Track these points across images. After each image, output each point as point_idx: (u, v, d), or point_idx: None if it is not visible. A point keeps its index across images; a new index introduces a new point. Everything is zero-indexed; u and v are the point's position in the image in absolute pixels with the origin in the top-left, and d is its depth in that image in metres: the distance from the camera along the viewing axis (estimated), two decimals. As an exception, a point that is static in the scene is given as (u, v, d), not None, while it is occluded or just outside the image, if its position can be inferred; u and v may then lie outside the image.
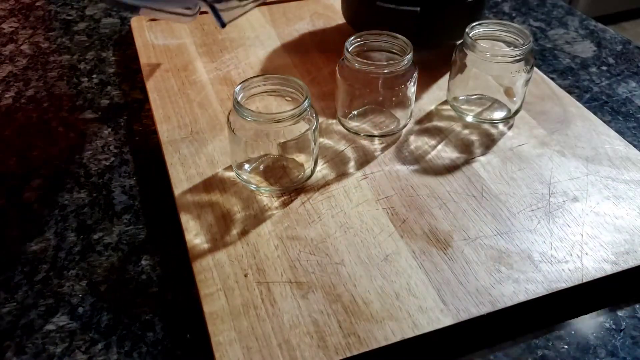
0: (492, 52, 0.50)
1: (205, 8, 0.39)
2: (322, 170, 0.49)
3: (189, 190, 0.47)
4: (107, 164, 0.52)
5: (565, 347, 0.38)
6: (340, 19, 0.64)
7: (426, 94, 0.58)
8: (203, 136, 0.52)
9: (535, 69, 0.61)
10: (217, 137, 0.52)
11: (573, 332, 0.39)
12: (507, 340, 0.39)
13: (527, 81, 0.52)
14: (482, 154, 0.51)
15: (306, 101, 0.43)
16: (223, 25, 0.39)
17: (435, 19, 0.57)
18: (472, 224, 0.44)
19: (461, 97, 0.55)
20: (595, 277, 0.40)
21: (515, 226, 0.44)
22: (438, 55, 0.62)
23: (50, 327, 0.39)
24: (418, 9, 0.55)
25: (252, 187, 0.47)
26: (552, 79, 0.61)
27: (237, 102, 0.43)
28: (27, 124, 0.57)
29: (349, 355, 0.36)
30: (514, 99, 0.53)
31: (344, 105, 0.52)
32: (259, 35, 0.66)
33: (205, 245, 0.42)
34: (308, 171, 0.47)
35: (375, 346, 0.36)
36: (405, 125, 0.53)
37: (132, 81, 0.63)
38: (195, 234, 0.43)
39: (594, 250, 0.42)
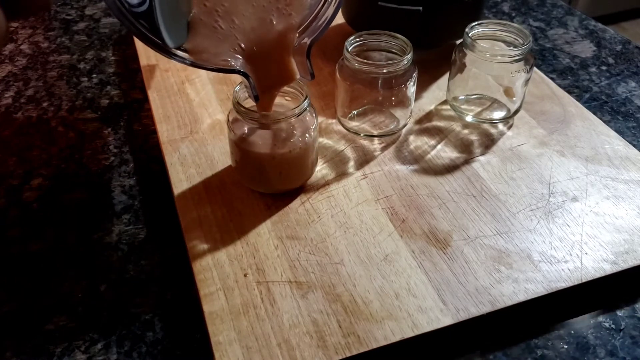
0: (492, 52, 0.50)
1: (242, 79, 0.40)
2: (322, 170, 0.49)
3: (188, 190, 0.47)
4: (107, 163, 0.52)
5: (565, 347, 0.38)
6: (340, 19, 0.64)
7: (426, 94, 0.58)
8: (203, 136, 0.52)
9: (534, 68, 0.61)
10: (217, 137, 0.52)
11: (573, 332, 0.39)
12: (506, 340, 0.39)
13: (527, 81, 0.52)
14: (482, 154, 0.51)
15: (306, 101, 0.43)
16: (257, 98, 0.40)
17: (437, 19, 0.57)
18: (472, 223, 0.44)
19: (461, 97, 0.55)
20: (595, 277, 0.40)
21: (515, 226, 0.44)
22: (438, 55, 0.62)
23: (50, 327, 0.39)
24: (420, 8, 0.55)
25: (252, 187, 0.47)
26: (551, 78, 0.61)
27: (237, 102, 0.43)
28: (27, 123, 0.57)
29: (348, 355, 0.36)
30: (514, 98, 0.53)
31: (343, 105, 0.52)
32: (258, 35, 0.66)
33: (205, 245, 0.42)
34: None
35: (374, 346, 0.36)
36: (404, 125, 0.53)
37: (132, 81, 0.63)
38: (194, 234, 0.43)
39: (593, 250, 0.42)
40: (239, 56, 0.40)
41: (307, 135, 0.44)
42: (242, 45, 0.39)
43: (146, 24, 0.35)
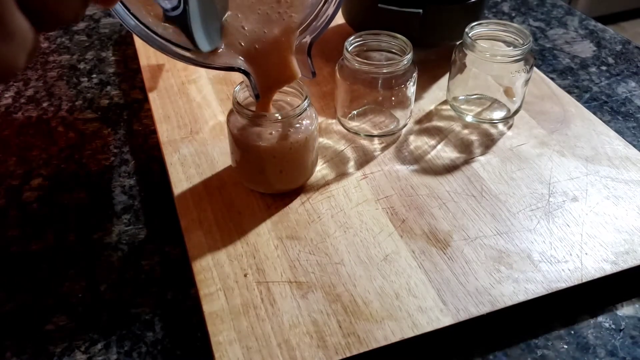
0: (492, 52, 0.50)
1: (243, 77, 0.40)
2: (322, 170, 0.49)
3: (188, 190, 0.47)
4: (107, 164, 0.52)
5: (565, 347, 0.38)
6: (340, 19, 0.64)
7: (426, 94, 0.58)
8: (203, 136, 0.52)
9: (535, 68, 0.61)
10: (217, 137, 0.52)
11: (573, 332, 0.39)
12: (507, 340, 0.39)
13: (527, 81, 0.52)
14: (482, 154, 0.51)
15: (306, 101, 0.43)
16: (257, 97, 0.40)
17: (437, 20, 0.57)
18: (472, 223, 0.44)
19: (461, 97, 0.55)
20: (595, 277, 0.40)
21: (515, 226, 0.44)
22: (438, 55, 0.62)
23: (50, 327, 0.39)
24: (420, 10, 0.55)
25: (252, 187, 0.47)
26: (551, 78, 0.61)
27: (237, 102, 0.43)
28: (27, 123, 0.57)
29: (348, 355, 0.36)
30: (514, 98, 0.53)
31: (343, 105, 0.52)
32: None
33: (205, 245, 0.42)
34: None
35: (375, 346, 0.36)
36: (404, 125, 0.53)
37: (132, 81, 0.63)
38: (194, 234, 0.43)
39: (593, 250, 0.42)
40: (240, 56, 0.40)
41: (307, 134, 0.44)
42: (243, 45, 0.39)
43: (180, 28, 0.35)
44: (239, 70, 0.39)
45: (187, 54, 0.38)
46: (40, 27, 0.25)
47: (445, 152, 0.51)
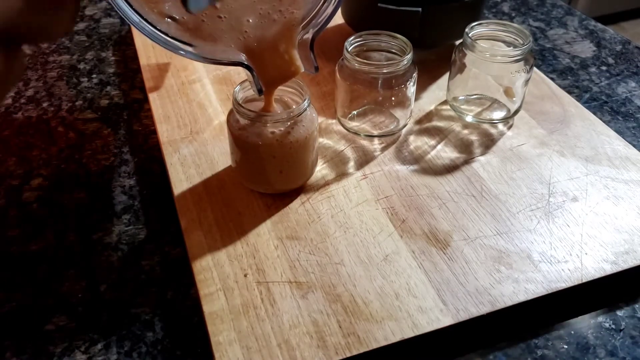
0: (492, 52, 0.50)
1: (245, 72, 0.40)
2: (322, 170, 0.49)
3: (188, 190, 0.47)
4: (107, 163, 0.52)
5: (565, 347, 0.38)
6: (339, 19, 0.64)
7: (426, 94, 0.58)
8: (203, 136, 0.52)
9: (534, 69, 0.61)
10: (217, 137, 0.52)
11: (573, 332, 0.39)
12: (506, 340, 0.39)
13: (527, 81, 0.52)
14: (482, 154, 0.51)
15: (306, 101, 0.43)
16: (260, 92, 0.40)
17: (436, 20, 0.57)
18: (472, 223, 0.44)
19: (461, 97, 0.55)
20: (595, 277, 0.40)
21: (515, 226, 0.44)
22: (438, 55, 0.62)
23: (50, 327, 0.39)
24: (420, 9, 0.55)
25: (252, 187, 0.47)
26: (551, 79, 0.61)
27: (237, 102, 0.43)
28: (27, 123, 0.57)
29: (348, 355, 0.36)
30: (514, 99, 0.53)
31: (343, 105, 0.52)
32: (258, 35, 0.66)
33: (205, 245, 0.42)
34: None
35: (375, 346, 0.36)
36: (404, 125, 0.53)
37: (132, 81, 0.63)
38: (194, 234, 0.43)
39: (593, 250, 0.42)
40: (241, 51, 0.40)
41: (307, 134, 0.44)
42: (246, 41, 0.40)
43: None
44: (241, 64, 0.39)
45: (190, 49, 0.38)
46: (28, 40, 0.24)
47: (445, 152, 0.51)
